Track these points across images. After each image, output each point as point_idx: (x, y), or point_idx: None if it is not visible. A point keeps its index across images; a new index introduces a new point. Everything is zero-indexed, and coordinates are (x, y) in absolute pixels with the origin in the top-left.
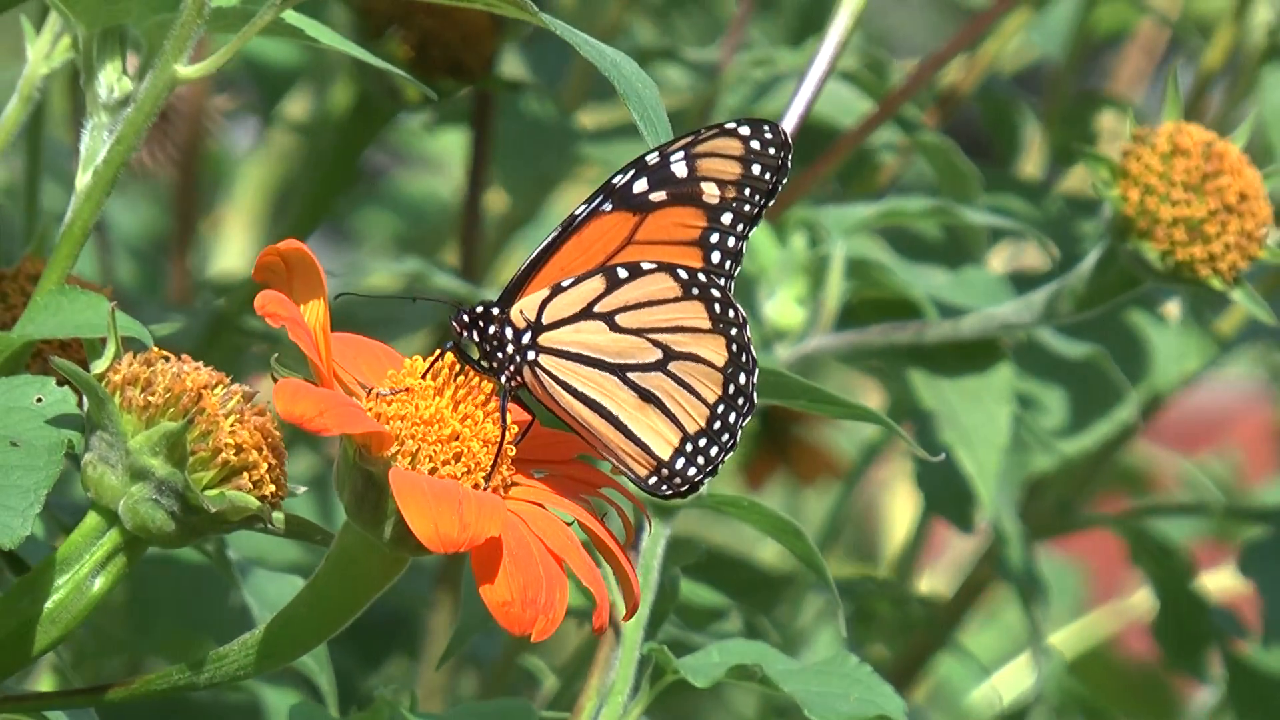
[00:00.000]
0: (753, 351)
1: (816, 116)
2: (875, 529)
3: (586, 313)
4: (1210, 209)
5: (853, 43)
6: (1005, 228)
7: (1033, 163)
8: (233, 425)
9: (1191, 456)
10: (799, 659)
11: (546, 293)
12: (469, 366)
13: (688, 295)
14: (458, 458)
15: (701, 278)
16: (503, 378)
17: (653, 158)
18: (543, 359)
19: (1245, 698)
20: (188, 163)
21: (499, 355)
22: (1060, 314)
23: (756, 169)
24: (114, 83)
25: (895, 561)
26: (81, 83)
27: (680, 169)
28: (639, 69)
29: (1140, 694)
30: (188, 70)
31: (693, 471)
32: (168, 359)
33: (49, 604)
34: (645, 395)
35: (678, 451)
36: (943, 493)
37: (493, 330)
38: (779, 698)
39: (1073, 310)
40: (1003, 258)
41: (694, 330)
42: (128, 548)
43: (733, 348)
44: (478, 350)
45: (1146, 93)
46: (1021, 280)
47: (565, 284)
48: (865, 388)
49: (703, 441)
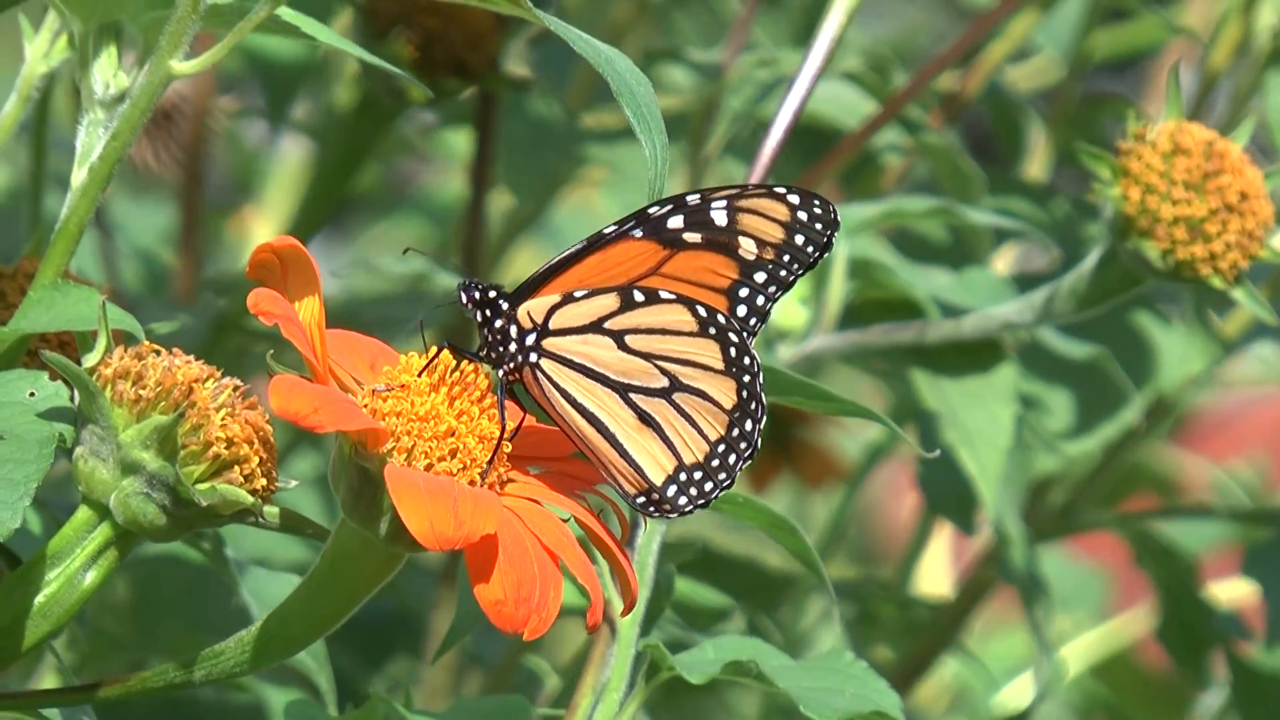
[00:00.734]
0: (763, 400)
1: (820, 117)
2: (880, 530)
3: (595, 327)
4: (1211, 208)
5: (857, 44)
6: (1009, 229)
7: (1038, 164)
8: (224, 419)
9: (1208, 456)
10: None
11: (557, 299)
12: (466, 360)
13: (704, 333)
14: (453, 454)
15: (721, 319)
16: (500, 372)
17: (693, 199)
18: (544, 363)
19: (1249, 700)
20: (192, 163)
21: (500, 349)
22: (1061, 313)
23: (800, 239)
24: (109, 78)
25: (898, 558)
26: (77, 79)
27: (720, 217)
28: (634, 66)
29: (1164, 699)
30: (183, 66)
31: (683, 501)
32: (159, 353)
33: (41, 598)
34: (645, 418)
35: (670, 479)
36: (945, 494)
37: (499, 324)
38: (781, 698)
39: (1074, 309)
40: (1008, 261)
41: (705, 368)
42: (119, 541)
43: (743, 394)
44: (479, 335)
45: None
46: (1026, 282)
47: (578, 294)
48: (869, 389)
49: (698, 475)
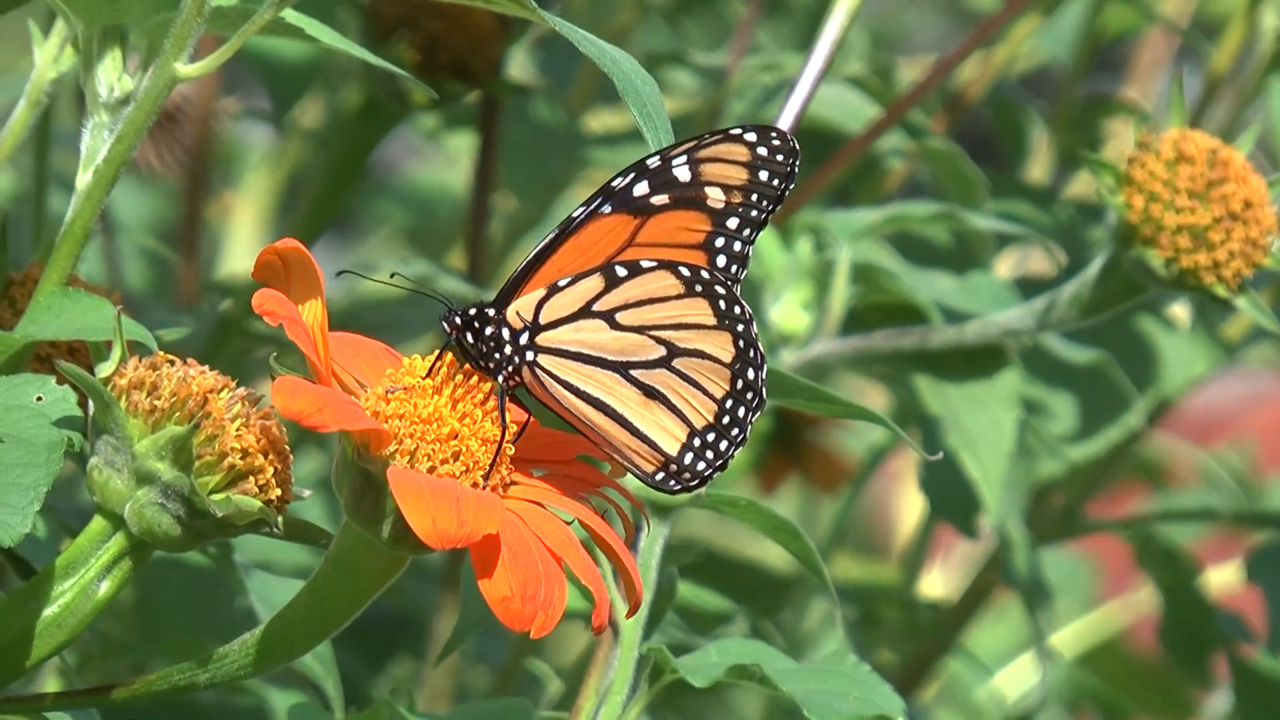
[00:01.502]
0: (760, 347)
1: (824, 121)
2: (885, 528)
3: (585, 311)
4: (1215, 216)
5: (860, 48)
6: (1012, 233)
7: (1040, 167)
8: (239, 429)
9: (1205, 448)
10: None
11: (543, 293)
12: (469, 365)
13: (691, 292)
14: (456, 456)
15: (704, 274)
16: (500, 377)
17: (654, 161)
18: (542, 359)
19: (1251, 702)
20: (196, 165)
21: (496, 356)
22: (1065, 320)
23: (764, 175)
24: (114, 82)
25: (902, 562)
26: (81, 82)
27: (683, 173)
28: (639, 66)
29: (1152, 686)
30: (188, 69)
31: (702, 466)
32: (173, 363)
33: (54, 608)
34: (649, 392)
35: (685, 446)
36: (948, 498)
37: (489, 331)
38: (785, 700)
39: (1077, 317)
40: (1009, 263)
41: (699, 327)
42: (133, 552)
43: (739, 343)
44: (471, 352)
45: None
46: (1028, 286)
47: (562, 284)
48: (875, 393)
49: (711, 436)
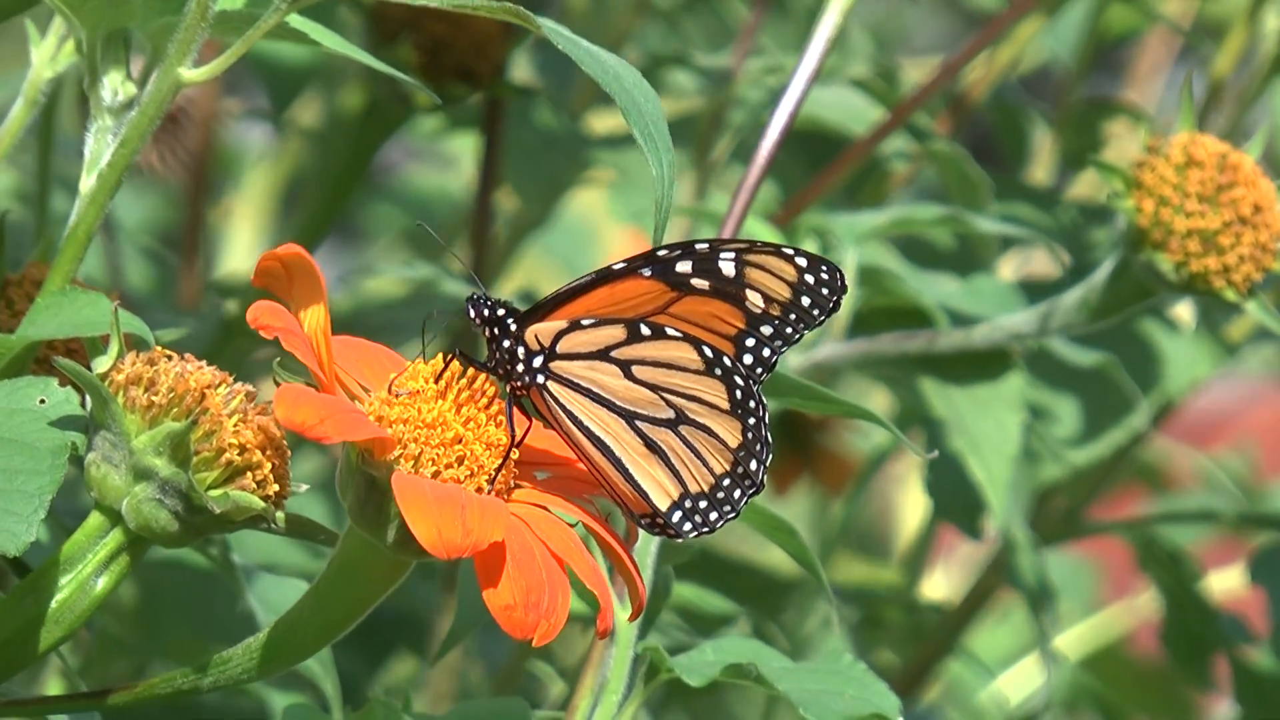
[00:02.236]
0: (768, 440)
1: (828, 124)
2: (887, 529)
3: (603, 354)
4: (1225, 220)
5: (864, 50)
6: (1016, 236)
7: (1042, 168)
8: (236, 425)
9: (1205, 451)
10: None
11: (564, 324)
12: (474, 369)
13: (710, 373)
14: (460, 461)
15: (727, 361)
16: (507, 387)
17: (702, 247)
18: (551, 384)
19: (1253, 704)
20: (198, 166)
21: (507, 367)
22: (1072, 324)
23: (806, 301)
24: (118, 86)
25: (904, 564)
26: (85, 86)
27: (728, 268)
28: (641, 79)
29: (1154, 690)
30: (192, 74)
31: (688, 527)
32: (171, 358)
33: (52, 604)
34: (652, 445)
35: (676, 505)
36: (952, 500)
37: (506, 344)
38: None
39: (1086, 321)
40: (1013, 264)
41: (711, 406)
42: (131, 548)
43: (748, 435)
44: (486, 350)
45: (1157, 94)
46: (1032, 287)
47: (586, 322)
48: (882, 395)
49: (703, 504)
